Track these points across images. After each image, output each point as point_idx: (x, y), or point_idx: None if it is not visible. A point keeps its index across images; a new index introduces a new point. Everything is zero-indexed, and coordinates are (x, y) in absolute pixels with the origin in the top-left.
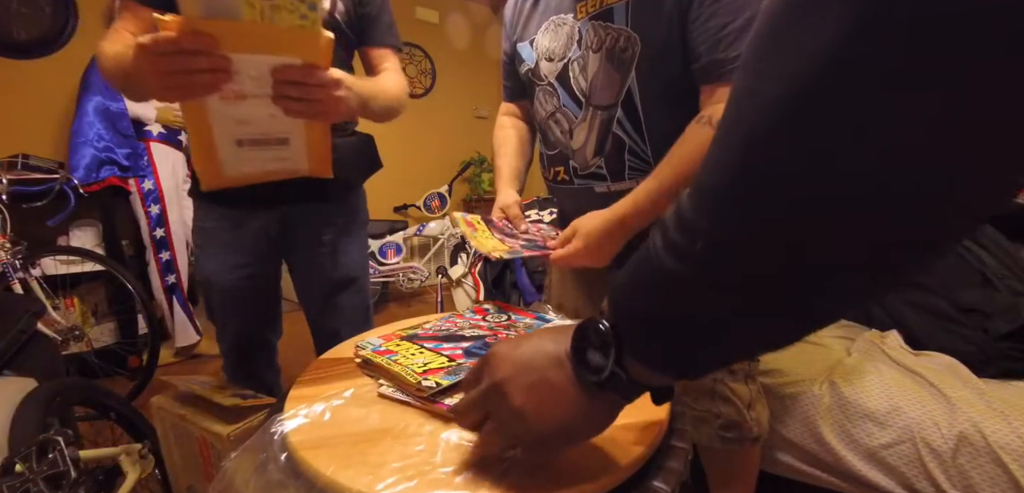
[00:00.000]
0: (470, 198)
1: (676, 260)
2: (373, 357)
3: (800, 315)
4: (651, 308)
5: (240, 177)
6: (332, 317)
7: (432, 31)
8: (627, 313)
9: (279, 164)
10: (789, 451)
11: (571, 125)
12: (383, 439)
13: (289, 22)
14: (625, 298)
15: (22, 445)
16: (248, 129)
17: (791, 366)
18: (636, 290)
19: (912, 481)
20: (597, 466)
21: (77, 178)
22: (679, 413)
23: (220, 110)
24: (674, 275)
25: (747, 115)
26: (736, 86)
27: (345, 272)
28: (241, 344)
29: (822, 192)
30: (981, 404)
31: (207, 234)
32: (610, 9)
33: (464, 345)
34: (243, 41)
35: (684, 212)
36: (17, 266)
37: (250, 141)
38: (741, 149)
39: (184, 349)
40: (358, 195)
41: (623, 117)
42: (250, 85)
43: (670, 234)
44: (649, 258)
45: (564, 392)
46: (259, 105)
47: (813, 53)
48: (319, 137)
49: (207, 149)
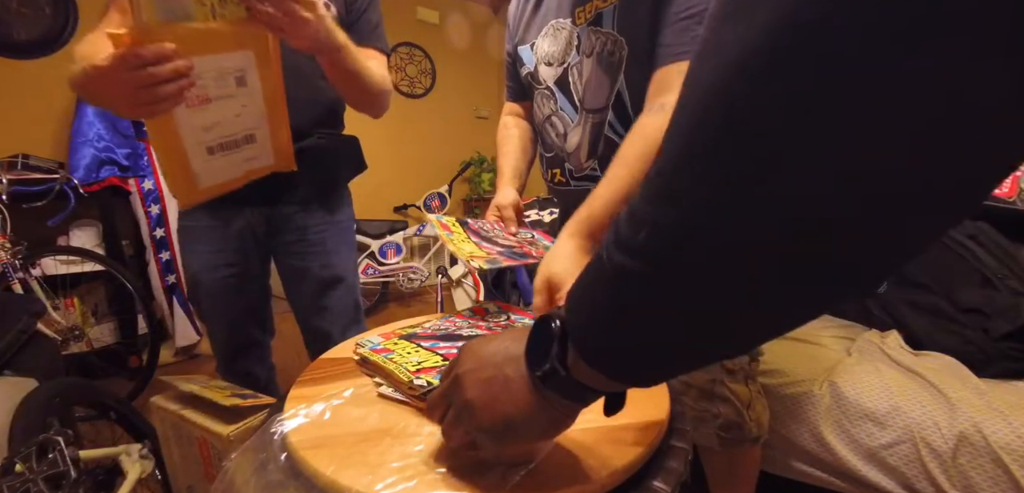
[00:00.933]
0: (470, 198)
1: (622, 254)
2: (371, 355)
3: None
4: (597, 308)
5: (215, 187)
6: (321, 317)
7: (432, 31)
8: (576, 313)
9: (249, 164)
10: (789, 451)
11: (566, 129)
12: (383, 439)
13: (236, 14)
14: (578, 299)
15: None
16: (216, 133)
17: (791, 366)
18: (584, 288)
19: (912, 481)
20: (597, 466)
21: (77, 178)
22: (679, 413)
23: (188, 119)
24: (618, 269)
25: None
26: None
27: (332, 272)
28: (230, 342)
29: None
30: (981, 404)
31: (191, 233)
32: (601, 14)
33: (460, 345)
34: (200, 43)
35: (634, 203)
36: (17, 266)
37: (220, 146)
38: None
39: (184, 349)
40: (343, 195)
41: (614, 119)
42: (213, 87)
43: (620, 228)
44: (600, 255)
45: (515, 389)
46: (223, 106)
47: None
48: (281, 129)
49: (180, 165)
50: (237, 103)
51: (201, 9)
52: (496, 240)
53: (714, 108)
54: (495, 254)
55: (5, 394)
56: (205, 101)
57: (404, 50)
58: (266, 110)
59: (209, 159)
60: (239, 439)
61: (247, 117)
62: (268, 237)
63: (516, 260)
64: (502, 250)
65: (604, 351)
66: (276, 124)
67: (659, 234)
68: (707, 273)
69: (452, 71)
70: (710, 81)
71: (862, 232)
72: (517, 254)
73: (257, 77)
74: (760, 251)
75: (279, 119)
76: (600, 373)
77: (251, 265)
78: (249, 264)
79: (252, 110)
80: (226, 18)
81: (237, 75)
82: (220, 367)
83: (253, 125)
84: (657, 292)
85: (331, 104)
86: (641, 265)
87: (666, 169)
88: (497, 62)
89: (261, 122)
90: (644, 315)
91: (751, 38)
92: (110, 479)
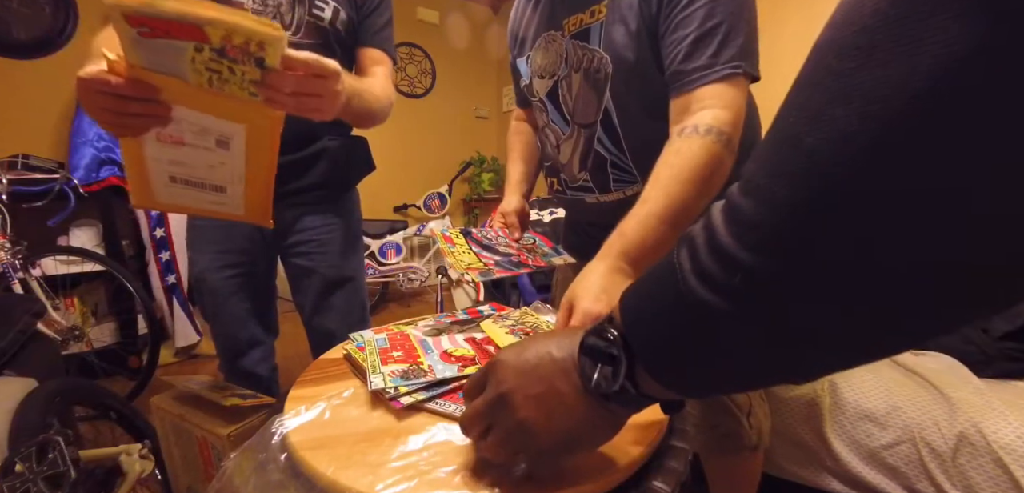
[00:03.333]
0: (470, 198)
1: (708, 290)
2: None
3: (845, 354)
4: (675, 334)
5: (172, 206)
6: (326, 317)
7: (432, 31)
8: (646, 334)
9: (214, 207)
10: (789, 452)
11: (558, 141)
12: (383, 439)
13: (241, 94)
14: (644, 319)
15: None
16: (183, 170)
17: None
18: (658, 312)
19: (912, 481)
20: (597, 466)
21: (77, 178)
22: (679, 413)
23: (156, 149)
24: (704, 305)
25: (816, 143)
26: (796, 103)
27: (339, 272)
28: (233, 342)
29: (914, 245)
30: (981, 404)
31: (200, 231)
32: (587, 29)
33: (496, 257)
34: (186, 98)
35: (719, 239)
36: (17, 266)
37: (184, 181)
38: (804, 182)
39: (184, 349)
40: (352, 196)
41: (602, 134)
42: (189, 136)
43: (701, 260)
44: (675, 282)
45: (571, 403)
46: (196, 155)
47: (928, 68)
48: (260, 191)
49: (139, 175)
50: (213, 157)
51: (195, 76)
52: (497, 247)
53: (838, 163)
54: (491, 264)
55: (5, 394)
56: (178, 142)
57: (404, 50)
58: (245, 175)
59: (170, 185)
60: (239, 439)
61: (221, 173)
62: (277, 238)
63: (511, 270)
64: (500, 259)
65: (680, 374)
66: (255, 188)
67: (756, 284)
68: (800, 325)
69: (452, 71)
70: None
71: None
72: (514, 263)
73: (243, 147)
74: (863, 310)
75: (260, 184)
76: (669, 390)
77: (257, 266)
78: (255, 265)
79: (229, 170)
80: (226, 94)
81: (220, 138)
82: (222, 366)
83: (226, 181)
84: (745, 333)
85: None
86: (732, 307)
87: (765, 216)
88: (497, 62)
89: (236, 183)
90: (727, 349)
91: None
92: (110, 479)
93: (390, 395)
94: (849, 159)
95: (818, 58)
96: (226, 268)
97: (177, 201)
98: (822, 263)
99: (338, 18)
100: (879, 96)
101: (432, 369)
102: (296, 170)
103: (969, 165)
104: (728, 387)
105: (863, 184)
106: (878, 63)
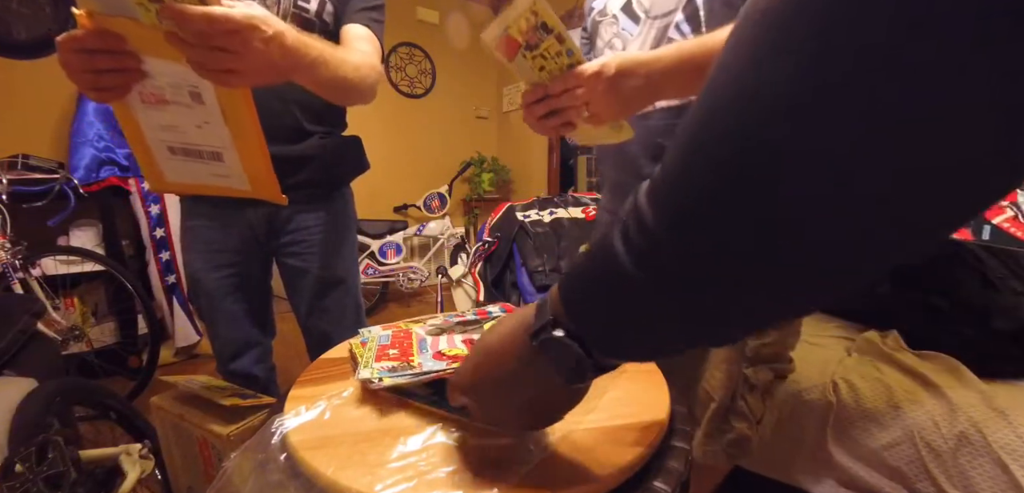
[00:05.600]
0: (470, 198)
1: (636, 267)
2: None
3: (742, 321)
4: (617, 315)
5: (183, 185)
6: (321, 318)
7: (432, 31)
8: (596, 326)
9: (219, 180)
10: (788, 452)
11: (625, 44)
12: (383, 439)
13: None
14: (584, 297)
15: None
16: (177, 137)
17: None
18: (595, 290)
19: (912, 481)
20: (598, 466)
21: (77, 178)
22: (679, 413)
23: (145, 115)
24: (633, 279)
25: (718, 117)
26: (716, 67)
27: (332, 273)
28: (229, 343)
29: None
30: (981, 404)
31: (193, 233)
32: None
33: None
34: (148, 44)
35: (644, 216)
36: (17, 266)
37: (182, 150)
38: (702, 162)
39: (184, 349)
40: (345, 195)
41: (682, 21)
42: (169, 91)
43: (631, 236)
44: (615, 266)
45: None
46: (181, 113)
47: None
48: (256, 159)
49: (145, 153)
50: (196, 115)
51: (145, 13)
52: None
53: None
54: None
55: (5, 394)
56: (161, 101)
57: (404, 50)
58: (231, 135)
59: (172, 158)
60: (239, 439)
61: (210, 134)
62: (269, 238)
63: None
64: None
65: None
66: (248, 153)
67: (666, 256)
68: (705, 295)
69: (452, 71)
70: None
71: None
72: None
73: (215, 100)
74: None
75: (251, 149)
76: (622, 361)
77: (252, 266)
78: (250, 265)
79: (214, 130)
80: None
81: (191, 90)
82: (219, 368)
83: (218, 145)
84: (665, 303)
85: (329, 103)
86: (651, 278)
87: (679, 184)
88: (497, 62)
89: (227, 146)
90: (654, 319)
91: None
92: (110, 479)
93: (373, 386)
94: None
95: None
96: (220, 268)
97: (185, 178)
98: (715, 239)
99: (324, 9)
100: None
101: (421, 366)
102: (286, 167)
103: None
104: (657, 349)
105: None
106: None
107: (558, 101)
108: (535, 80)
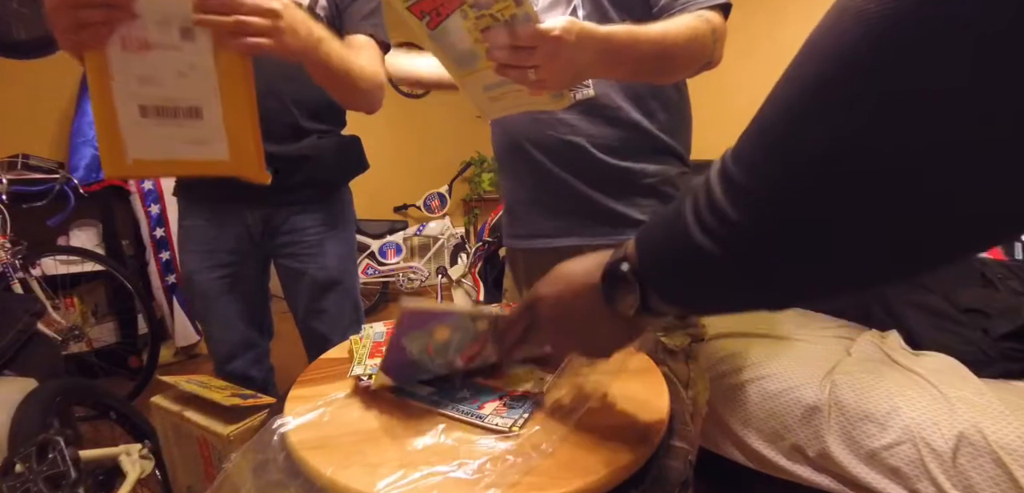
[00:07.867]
0: (470, 198)
1: (707, 238)
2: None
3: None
4: (679, 270)
5: (147, 163)
6: (318, 320)
7: None
8: (659, 271)
9: (193, 148)
10: (788, 453)
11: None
12: (383, 439)
13: None
14: (657, 258)
15: (22, 445)
16: (152, 92)
17: (791, 368)
18: (666, 252)
19: (912, 482)
20: (598, 465)
21: (77, 178)
22: (679, 413)
23: (122, 63)
24: (701, 249)
25: (791, 117)
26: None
27: (329, 274)
28: (224, 343)
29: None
30: (981, 404)
31: (189, 232)
32: None
33: None
34: None
35: (715, 197)
36: (17, 266)
37: (155, 109)
38: (778, 153)
39: (184, 349)
40: (343, 195)
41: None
42: (155, 32)
43: (701, 213)
44: (682, 229)
45: (598, 319)
46: (166, 60)
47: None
48: (242, 122)
49: (109, 120)
50: (181, 59)
51: None
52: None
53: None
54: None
55: (5, 394)
56: (144, 46)
57: (404, 51)
58: (218, 85)
59: (141, 122)
60: (239, 439)
61: (192, 84)
62: (266, 239)
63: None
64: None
65: (682, 299)
66: (233, 110)
67: (740, 236)
68: (773, 272)
69: None
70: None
71: None
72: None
73: (208, 41)
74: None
75: (238, 107)
76: (675, 309)
77: (247, 267)
78: (245, 266)
79: (200, 78)
80: None
81: (182, 24)
82: (216, 369)
83: (199, 97)
84: (731, 273)
85: (327, 101)
86: (722, 251)
87: (752, 170)
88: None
89: (211, 98)
90: (716, 283)
91: None
92: (110, 479)
93: (363, 383)
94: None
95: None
96: (215, 269)
97: (152, 152)
98: (787, 222)
99: (318, 2)
100: None
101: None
102: (285, 167)
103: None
104: (718, 309)
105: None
106: None
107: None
108: (467, 46)
